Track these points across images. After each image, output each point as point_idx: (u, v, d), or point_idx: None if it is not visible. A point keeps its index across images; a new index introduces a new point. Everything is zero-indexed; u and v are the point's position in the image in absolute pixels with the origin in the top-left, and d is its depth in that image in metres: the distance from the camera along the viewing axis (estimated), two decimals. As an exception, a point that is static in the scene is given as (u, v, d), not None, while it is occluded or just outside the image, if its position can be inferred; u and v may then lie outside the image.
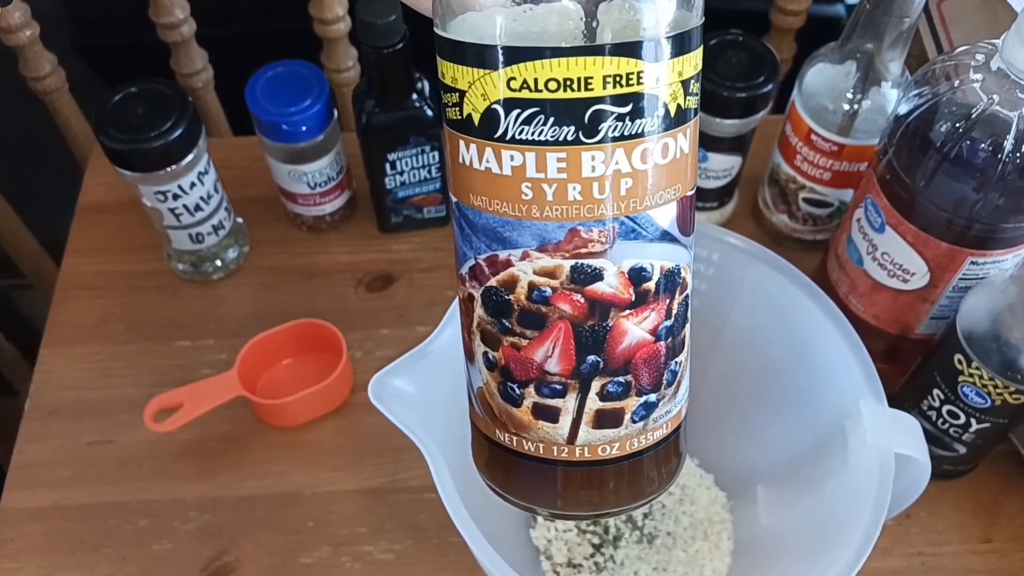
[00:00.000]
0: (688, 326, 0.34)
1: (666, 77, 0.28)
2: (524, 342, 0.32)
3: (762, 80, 0.67)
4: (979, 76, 0.52)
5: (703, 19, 0.30)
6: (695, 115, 0.30)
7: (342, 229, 0.79)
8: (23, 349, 0.95)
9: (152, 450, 0.68)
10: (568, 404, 0.33)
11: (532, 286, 0.31)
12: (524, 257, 0.30)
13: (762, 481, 0.62)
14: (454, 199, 0.32)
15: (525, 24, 0.28)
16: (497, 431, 0.35)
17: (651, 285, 0.31)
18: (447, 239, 0.78)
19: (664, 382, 0.33)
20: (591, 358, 0.32)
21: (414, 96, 0.69)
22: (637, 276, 0.31)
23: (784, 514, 0.59)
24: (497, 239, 0.31)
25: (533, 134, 0.28)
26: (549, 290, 0.31)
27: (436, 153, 0.72)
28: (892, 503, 0.49)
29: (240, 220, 0.77)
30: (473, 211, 0.31)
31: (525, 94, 0.28)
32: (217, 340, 0.73)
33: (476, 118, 0.29)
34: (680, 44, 0.29)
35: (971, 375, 0.55)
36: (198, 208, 0.70)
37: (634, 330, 0.32)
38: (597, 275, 0.30)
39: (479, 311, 0.33)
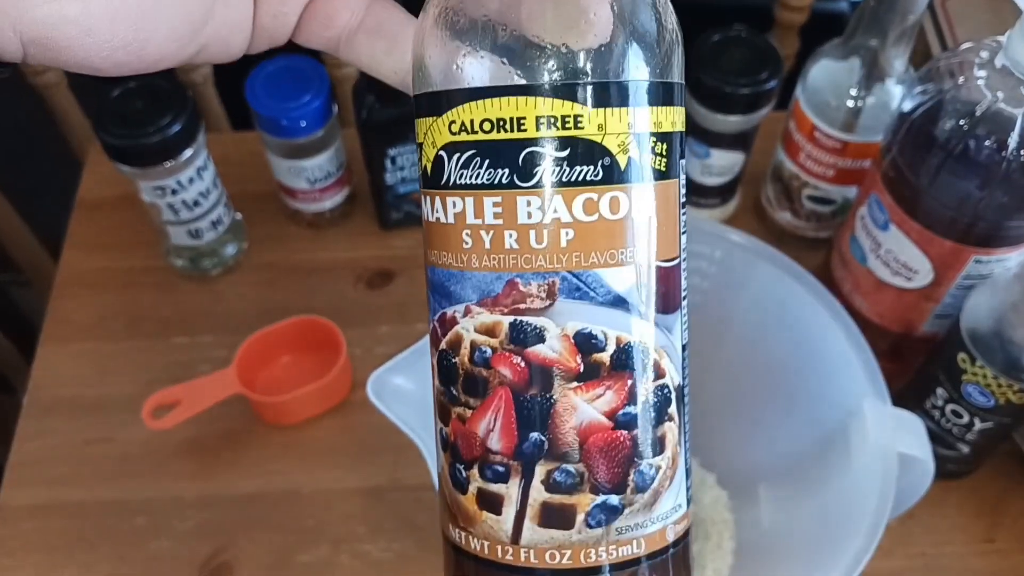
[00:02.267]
0: (671, 427, 0.30)
1: (612, 126, 0.27)
2: (468, 412, 0.29)
3: (765, 76, 0.67)
4: (983, 73, 0.51)
5: (678, 79, 0.28)
6: (667, 176, 0.28)
7: (342, 225, 0.79)
8: (21, 346, 0.95)
9: (150, 448, 0.68)
10: (511, 491, 0.29)
11: (473, 346, 0.29)
12: (466, 313, 0.29)
13: (764, 480, 0.61)
14: (424, 263, 0.31)
15: (465, 67, 0.27)
16: (450, 525, 0.31)
17: (604, 357, 0.28)
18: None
19: (630, 484, 0.29)
20: (534, 435, 0.28)
21: (414, 92, 0.68)
22: (585, 343, 0.28)
23: (786, 514, 0.59)
24: (445, 295, 0.29)
25: (471, 178, 0.27)
26: (489, 350, 0.28)
27: (436, 149, 0.72)
28: (895, 503, 0.48)
29: (239, 216, 0.77)
30: (431, 268, 0.30)
31: (463, 136, 0.27)
32: (215, 337, 0.73)
33: (429, 168, 0.29)
34: (635, 95, 0.27)
35: (975, 374, 0.55)
36: (196, 204, 0.70)
37: (584, 408, 0.28)
38: (538, 335, 0.28)
39: (436, 381, 0.30)
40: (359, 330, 0.72)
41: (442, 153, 0.28)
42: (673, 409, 0.30)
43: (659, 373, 0.29)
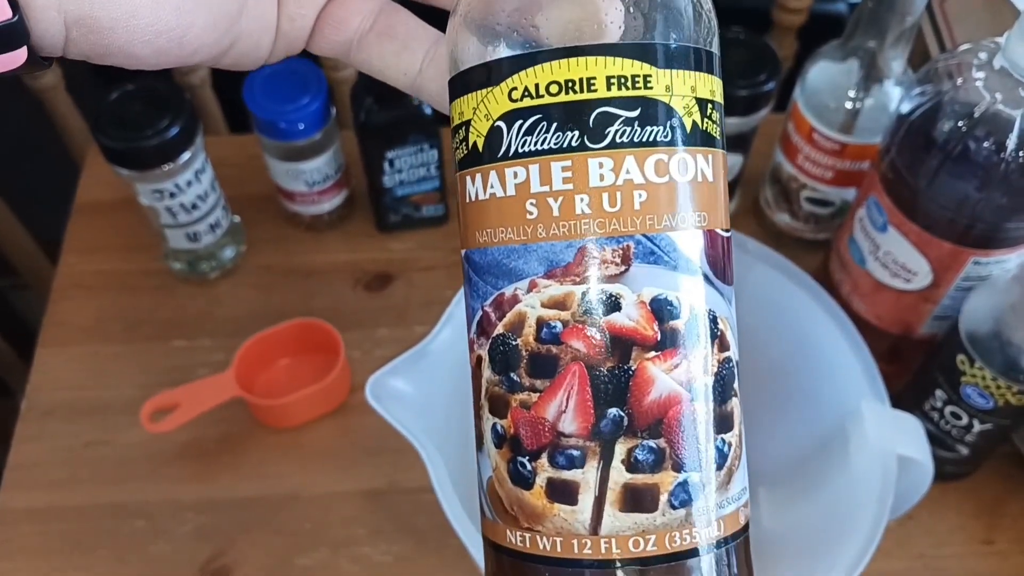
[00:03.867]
0: (736, 403, 0.29)
1: (677, 88, 0.27)
2: (534, 397, 0.27)
3: (764, 78, 0.67)
4: (982, 75, 0.51)
5: (719, 52, 0.29)
6: (720, 145, 0.28)
7: (340, 228, 0.79)
8: (19, 349, 0.95)
9: (149, 451, 0.67)
10: (588, 476, 0.27)
11: (540, 322, 0.27)
12: (531, 288, 0.27)
13: (764, 482, 0.61)
14: (462, 253, 0.30)
15: (523, 32, 0.27)
16: (508, 532, 0.28)
17: (679, 324, 0.27)
18: (446, 238, 0.78)
19: (709, 459, 0.28)
20: (612, 411, 0.27)
21: (413, 94, 0.68)
22: (661, 310, 0.27)
23: (786, 516, 0.59)
24: (503, 273, 0.28)
25: (536, 144, 0.27)
26: (559, 325, 0.27)
27: (435, 151, 0.72)
28: (894, 504, 0.48)
29: (237, 219, 0.77)
30: (479, 251, 0.29)
31: (527, 103, 0.27)
32: (214, 340, 0.73)
33: (480, 143, 0.28)
34: (692, 59, 0.27)
35: (974, 376, 0.55)
36: (195, 206, 0.70)
37: (663, 378, 0.27)
38: (613, 303, 0.27)
39: (487, 373, 0.29)
40: (357, 333, 0.72)
41: (500, 124, 0.27)
42: (737, 385, 0.29)
43: (725, 345, 0.29)
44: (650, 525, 0.27)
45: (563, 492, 0.27)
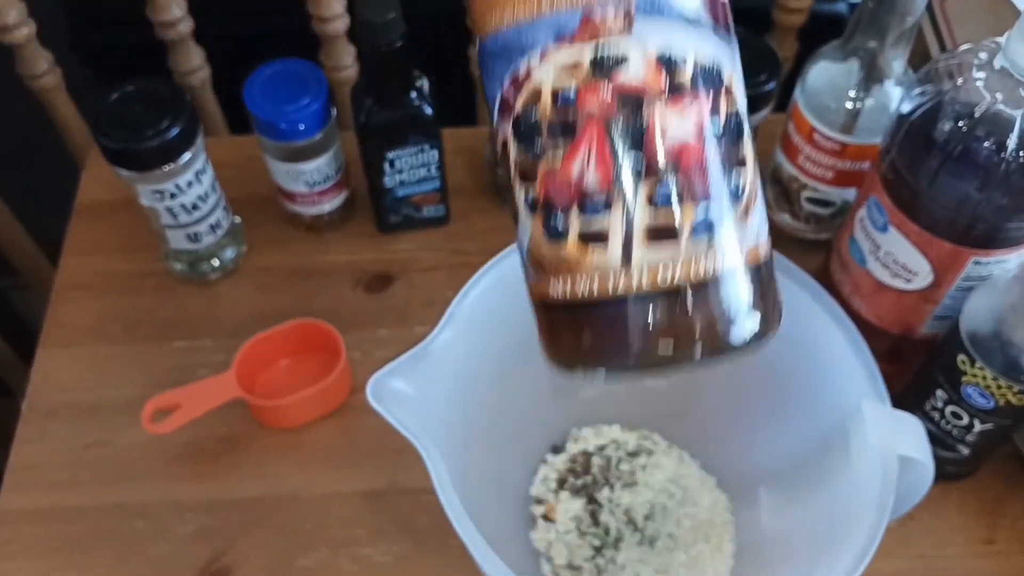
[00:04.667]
0: (749, 149, 0.31)
1: None
2: (558, 161, 0.30)
3: (764, 78, 0.67)
4: (982, 75, 0.51)
5: None
6: None
7: (340, 229, 0.79)
8: (20, 350, 0.95)
9: (149, 451, 0.67)
10: (615, 219, 0.30)
11: (556, 92, 0.29)
12: (543, 58, 0.29)
13: (764, 483, 0.61)
14: (478, 48, 0.31)
15: None
16: (550, 287, 0.32)
17: (685, 76, 0.29)
18: (446, 239, 0.78)
19: (725, 192, 0.30)
20: (630, 157, 0.29)
21: (413, 95, 0.68)
22: (667, 63, 0.29)
23: (786, 516, 0.59)
24: (516, 49, 0.29)
25: None
26: (573, 89, 0.29)
27: (435, 152, 0.72)
28: (895, 505, 0.48)
29: (238, 219, 0.77)
30: (493, 38, 0.30)
31: None
32: (214, 341, 0.73)
33: None
34: None
35: (974, 376, 0.55)
36: (195, 207, 0.70)
37: (673, 122, 0.29)
38: (621, 60, 0.29)
39: (513, 152, 0.31)
40: (358, 333, 0.72)
41: None
42: (747, 130, 0.31)
43: (731, 95, 0.30)
44: (676, 255, 0.30)
45: (595, 236, 0.31)
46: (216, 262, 0.75)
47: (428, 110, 0.69)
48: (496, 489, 0.62)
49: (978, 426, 0.58)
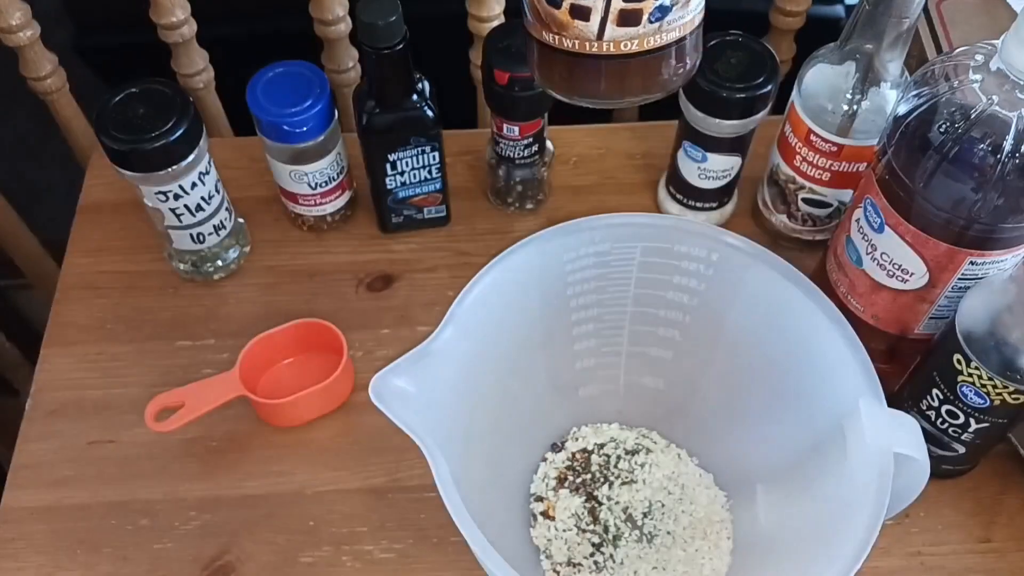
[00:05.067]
0: None
1: None
2: None
3: (761, 81, 0.67)
4: (978, 76, 0.52)
5: None
6: None
7: (343, 229, 0.79)
8: (24, 349, 0.96)
9: (153, 450, 0.68)
10: (598, 3, 0.41)
11: None
12: None
13: (761, 480, 0.62)
14: None
15: None
16: (544, 32, 0.44)
17: None
18: (447, 239, 0.79)
19: None
20: None
21: (414, 97, 0.69)
22: None
23: (783, 513, 0.59)
24: None
25: None
26: None
27: (436, 153, 0.72)
28: (891, 503, 0.49)
29: (241, 220, 0.78)
30: None
31: None
32: (218, 340, 0.73)
33: None
34: None
35: (970, 375, 0.55)
36: (199, 208, 0.70)
37: None
38: None
39: None
40: (360, 333, 0.73)
41: None
42: None
43: None
44: (635, 34, 0.43)
45: (581, 12, 0.42)
46: (220, 262, 0.76)
47: (429, 112, 0.69)
48: (496, 487, 0.63)
49: (974, 425, 0.58)
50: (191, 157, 0.67)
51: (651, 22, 0.42)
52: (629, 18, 0.42)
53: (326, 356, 0.69)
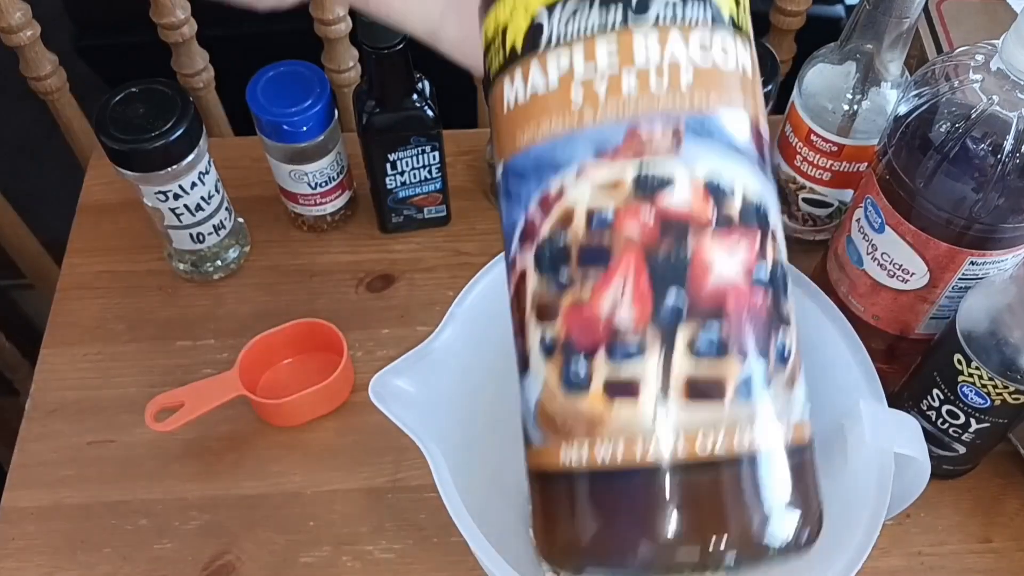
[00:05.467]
0: (792, 307, 0.27)
1: None
2: (587, 293, 0.26)
3: (762, 81, 0.67)
4: (979, 76, 0.52)
5: None
6: (751, 39, 0.28)
7: (343, 229, 0.79)
8: (24, 349, 0.96)
9: (153, 450, 0.68)
10: (648, 368, 0.25)
11: (590, 213, 0.26)
12: (579, 175, 0.26)
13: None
14: (499, 169, 0.28)
15: None
16: (562, 451, 0.26)
17: (734, 207, 0.26)
18: (448, 239, 0.78)
19: (773, 351, 0.26)
20: (671, 294, 0.25)
21: (415, 96, 0.69)
22: (716, 190, 0.26)
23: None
24: (549, 166, 0.26)
25: (579, 28, 0.26)
26: (611, 210, 0.25)
27: (436, 153, 0.72)
28: (892, 503, 0.49)
29: (241, 220, 0.77)
30: (521, 155, 0.27)
31: None
32: (218, 340, 0.73)
33: (519, 41, 0.27)
34: None
35: (971, 375, 0.55)
36: (199, 208, 0.70)
37: (721, 259, 0.25)
38: (666, 182, 0.25)
39: (532, 284, 0.27)
40: (360, 333, 0.73)
41: (540, 14, 0.27)
42: (791, 288, 0.28)
43: (776, 238, 0.27)
44: (717, 420, 0.25)
45: (623, 388, 0.25)
46: (219, 262, 0.76)
47: (429, 112, 0.69)
48: (497, 486, 0.62)
49: (974, 425, 0.58)
50: (191, 157, 0.67)
51: (741, 399, 0.25)
52: (705, 386, 0.25)
53: (326, 356, 0.69)
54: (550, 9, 0.26)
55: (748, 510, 0.25)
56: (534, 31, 0.27)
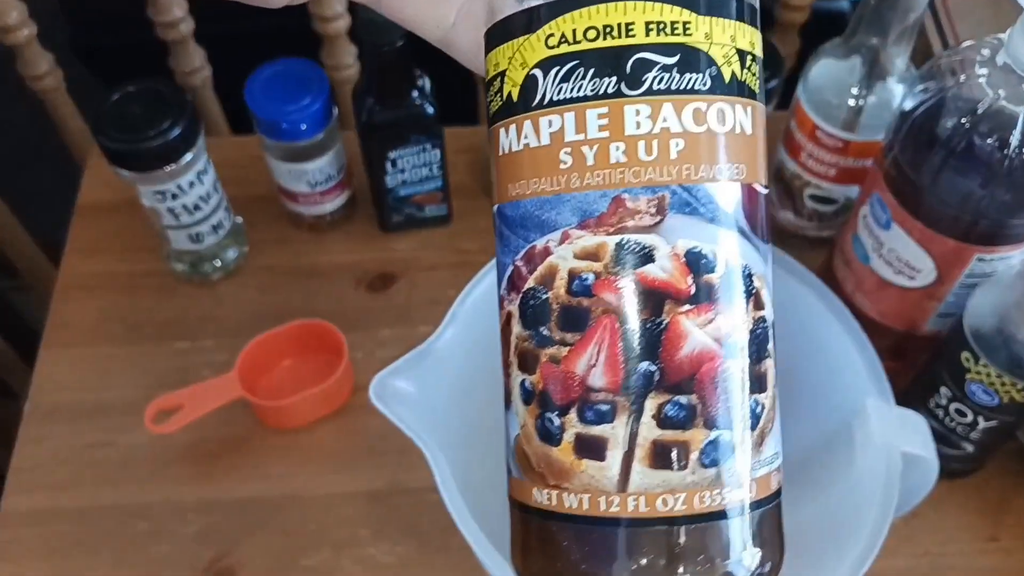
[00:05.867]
0: (771, 365, 0.28)
1: (717, 36, 0.26)
2: (564, 351, 0.27)
3: (766, 76, 0.67)
4: (985, 71, 0.51)
5: (758, 3, 0.28)
6: (759, 99, 0.28)
7: (342, 228, 0.79)
8: (22, 351, 0.95)
9: (152, 452, 0.67)
10: (617, 431, 0.27)
11: (572, 274, 0.27)
12: (564, 239, 0.27)
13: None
14: (494, 209, 0.29)
15: None
16: (535, 491, 0.28)
17: (714, 279, 0.27)
18: (448, 238, 0.78)
19: (742, 418, 0.27)
20: (643, 365, 0.26)
21: (415, 94, 0.68)
22: (696, 262, 0.26)
23: (791, 513, 0.58)
24: (535, 225, 0.27)
25: (572, 91, 0.26)
26: (591, 276, 0.27)
27: (437, 151, 0.72)
28: (899, 502, 0.48)
29: (239, 219, 0.77)
30: (511, 204, 0.28)
31: (563, 48, 0.26)
32: (217, 341, 0.73)
33: (515, 93, 0.27)
34: (733, 7, 0.27)
35: (978, 373, 0.54)
36: (197, 208, 0.70)
37: (696, 333, 0.26)
38: (647, 255, 0.26)
39: (516, 329, 0.28)
40: (360, 333, 0.72)
41: (536, 72, 0.27)
42: (771, 346, 0.28)
43: (760, 303, 0.28)
44: (679, 483, 0.26)
45: (591, 448, 0.27)
46: (218, 262, 0.75)
47: (430, 109, 0.69)
48: (499, 488, 0.62)
49: (982, 423, 0.57)
50: (189, 156, 0.67)
51: (704, 465, 0.27)
52: (669, 455, 0.27)
53: (326, 357, 0.69)
54: (545, 69, 0.27)
55: (706, 562, 0.27)
56: (529, 86, 0.27)
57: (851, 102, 0.64)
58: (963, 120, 0.51)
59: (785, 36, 0.85)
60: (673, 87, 0.26)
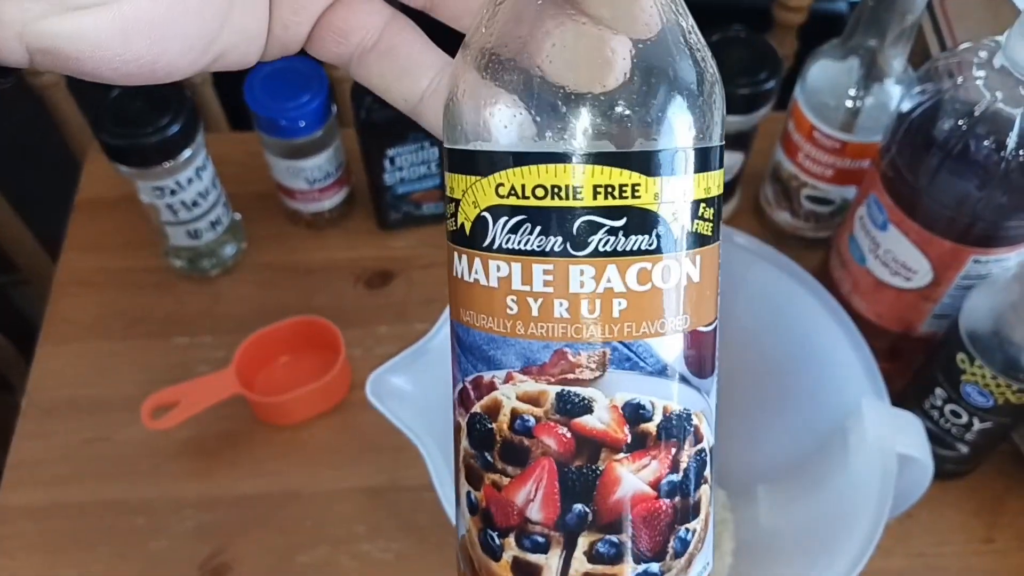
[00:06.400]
0: (705, 489, 0.30)
1: (667, 195, 0.26)
2: (505, 480, 0.28)
3: (764, 77, 0.67)
4: (982, 73, 0.51)
5: (722, 141, 0.28)
6: (712, 241, 0.28)
7: (340, 225, 0.79)
8: (20, 346, 0.95)
9: (149, 448, 0.67)
10: (551, 562, 0.28)
11: (515, 414, 0.28)
12: (508, 379, 0.28)
13: (763, 480, 0.61)
14: (451, 320, 0.30)
15: (515, 129, 0.26)
16: None
17: (651, 427, 0.28)
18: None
19: (670, 551, 0.29)
20: (578, 507, 0.28)
21: (413, 92, 0.68)
22: (634, 414, 0.27)
23: (785, 514, 0.59)
24: (483, 358, 0.28)
25: (519, 243, 0.27)
26: (532, 420, 0.27)
27: (435, 149, 0.72)
28: (894, 503, 0.48)
29: (238, 216, 0.77)
30: (463, 327, 0.29)
31: (512, 200, 0.26)
32: (214, 337, 0.73)
33: (467, 227, 0.28)
34: (685, 163, 0.27)
35: (973, 374, 0.55)
36: (195, 204, 0.70)
37: (630, 479, 0.28)
38: (585, 407, 0.27)
39: (464, 442, 0.29)
40: (358, 330, 0.72)
41: (486, 215, 0.27)
42: (708, 471, 0.30)
43: (698, 438, 0.29)
44: None
45: (527, 572, 0.28)
46: (216, 259, 0.75)
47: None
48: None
49: (977, 424, 0.58)
50: (188, 152, 0.67)
51: None
52: None
53: (323, 354, 0.69)
54: (495, 215, 0.27)
55: None
56: (479, 227, 0.27)
57: (848, 103, 0.64)
58: (960, 122, 0.51)
59: (783, 37, 0.85)
60: (619, 249, 0.26)
